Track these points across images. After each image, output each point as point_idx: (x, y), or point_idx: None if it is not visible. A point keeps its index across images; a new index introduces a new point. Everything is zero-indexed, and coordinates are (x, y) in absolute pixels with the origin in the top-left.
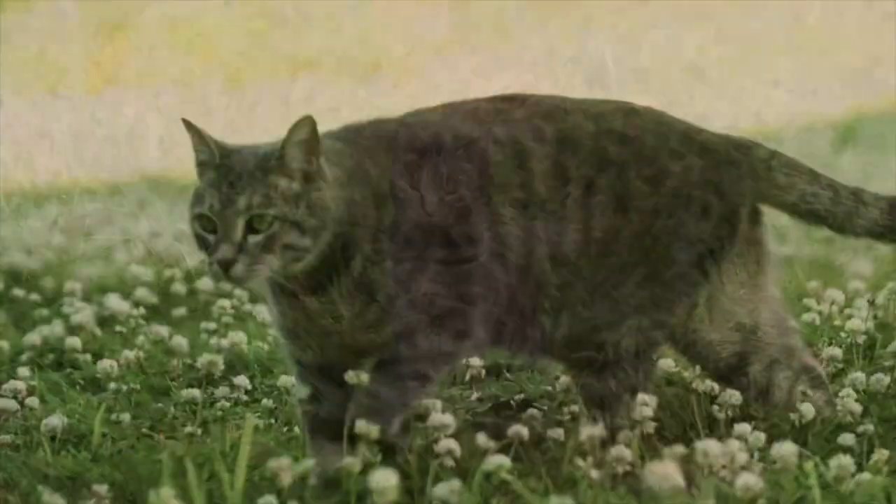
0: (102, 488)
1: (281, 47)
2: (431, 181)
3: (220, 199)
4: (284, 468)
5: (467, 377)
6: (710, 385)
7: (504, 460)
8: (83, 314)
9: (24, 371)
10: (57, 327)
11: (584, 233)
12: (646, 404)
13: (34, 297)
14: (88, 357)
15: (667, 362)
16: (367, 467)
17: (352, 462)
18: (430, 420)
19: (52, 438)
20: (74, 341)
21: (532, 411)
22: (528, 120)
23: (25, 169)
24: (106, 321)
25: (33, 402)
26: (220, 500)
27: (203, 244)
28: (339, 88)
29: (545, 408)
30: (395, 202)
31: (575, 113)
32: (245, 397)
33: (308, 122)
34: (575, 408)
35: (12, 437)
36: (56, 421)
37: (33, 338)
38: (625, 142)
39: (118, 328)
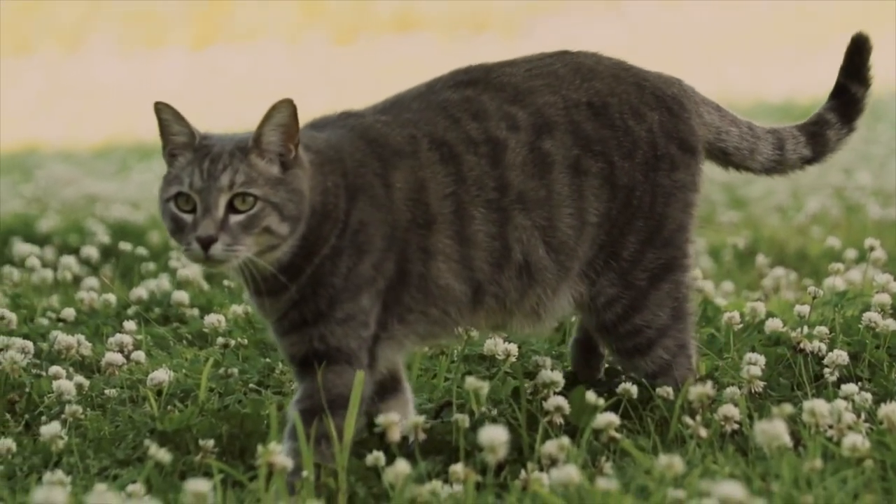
0: (209, 442)
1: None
2: (405, 186)
3: (202, 176)
4: (393, 424)
5: None
6: (817, 345)
7: (613, 418)
8: (190, 269)
9: (130, 325)
10: (164, 281)
11: (578, 217)
12: (754, 363)
13: (141, 251)
14: (195, 311)
15: (775, 322)
16: (476, 424)
17: (462, 418)
18: (539, 377)
19: (159, 393)
20: (181, 295)
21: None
22: (499, 108)
23: (130, 124)
24: (213, 276)
25: (139, 356)
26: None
27: (178, 226)
28: (445, 45)
29: None
30: (365, 199)
31: (540, 91)
32: None
33: (287, 106)
34: None
35: (118, 391)
36: (162, 375)
37: (140, 292)
38: (596, 113)
39: (226, 283)
